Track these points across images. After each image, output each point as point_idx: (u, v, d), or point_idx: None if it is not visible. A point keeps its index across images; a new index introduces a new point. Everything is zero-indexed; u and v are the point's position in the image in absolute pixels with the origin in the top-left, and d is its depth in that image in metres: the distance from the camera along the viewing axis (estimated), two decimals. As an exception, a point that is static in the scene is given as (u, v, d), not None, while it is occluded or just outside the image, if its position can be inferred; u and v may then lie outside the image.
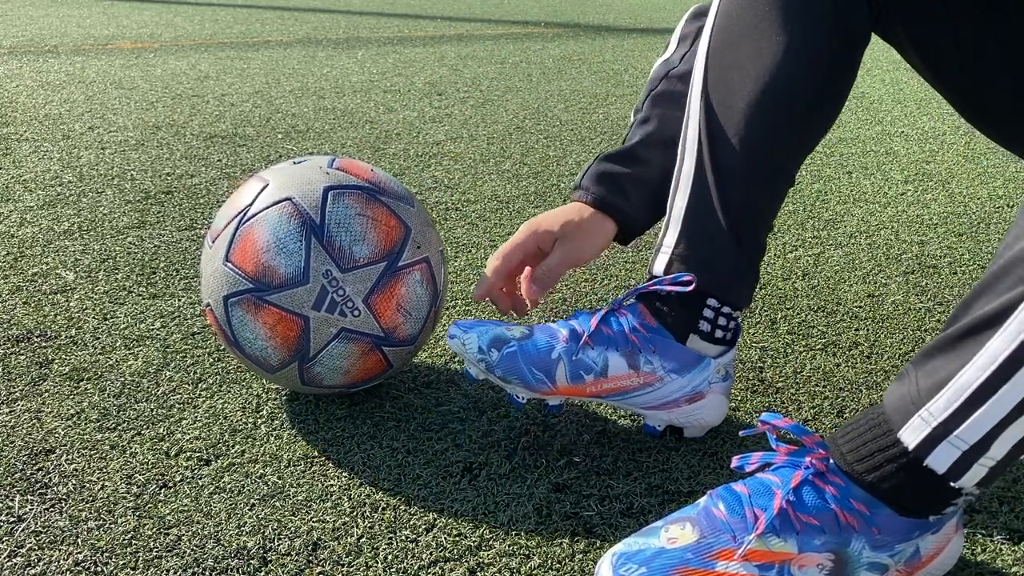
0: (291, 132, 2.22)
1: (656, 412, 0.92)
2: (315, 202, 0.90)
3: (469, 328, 0.91)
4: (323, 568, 0.75)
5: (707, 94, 0.86)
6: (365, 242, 0.90)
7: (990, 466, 0.64)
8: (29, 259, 1.37)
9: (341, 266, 0.89)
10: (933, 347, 0.66)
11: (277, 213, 0.89)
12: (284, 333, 0.89)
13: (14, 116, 2.29)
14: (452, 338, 0.91)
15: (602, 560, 0.70)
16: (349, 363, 0.92)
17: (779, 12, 0.83)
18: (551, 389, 0.89)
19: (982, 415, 0.62)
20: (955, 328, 0.64)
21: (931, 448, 0.64)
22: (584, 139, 2.25)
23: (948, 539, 0.71)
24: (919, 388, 0.66)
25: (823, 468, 0.69)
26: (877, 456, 0.67)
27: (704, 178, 0.86)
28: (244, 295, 0.89)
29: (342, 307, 0.89)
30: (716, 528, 0.69)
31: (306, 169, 0.94)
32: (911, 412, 0.65)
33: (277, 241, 0.88)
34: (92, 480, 0.86)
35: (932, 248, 1.54)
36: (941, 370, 0.64)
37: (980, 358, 0.62)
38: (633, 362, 0.89)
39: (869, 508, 0.68)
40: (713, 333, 0.89)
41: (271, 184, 0.93)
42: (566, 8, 5.65)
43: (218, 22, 4.42)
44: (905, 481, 0.66)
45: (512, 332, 0.90)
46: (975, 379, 0.62)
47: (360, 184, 0.93)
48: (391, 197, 0.94)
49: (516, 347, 0.89)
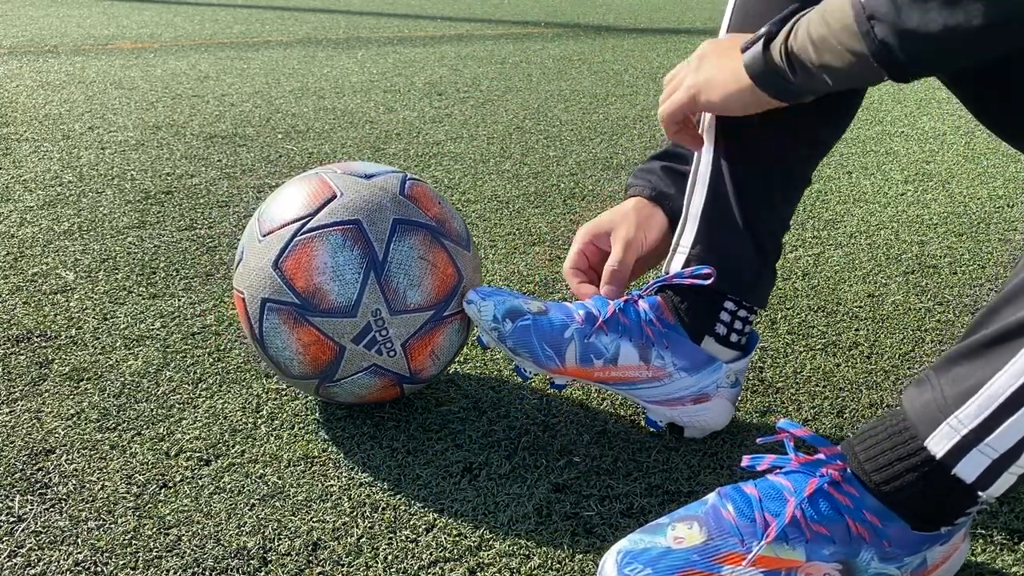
0: (291, 132, 2.22)
1: (660, 407, 0.92)
2: (382, 234, 0.87)
3: (488, 296, 0.90)
4: (323, 568, 0.75)
5: None
6: (420, 288, 0.88)
7: (1019, 474, 0.63)
8: (29, 259, 1.37)
9: (392, 308, 0.87)
10: (958, 354, 0.65)
11: (341, 236, 0.87)
12: (316, 354, 0.88)
13: (14, 116, 2.29)
14: (469, 303, 0.90)
15: (606, 557, 0.70)
16: (368, 391, 0.92)
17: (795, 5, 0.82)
18: (559, 368, 0.89)
19: (1013, 423, 0.61)
20: (983, 335, 0.63)
21: (960, 456, 0.63)
22: (584, 139, 2.25)
23: (955, 548, 0.71)
24: (945, 395, 0.64)
25: (839, 477, 0.68)
26: (897, 465, 0.66)
27: (721, 178, 0.86)
28: (286, 307, 0.87)
29: (381, 346, 0.88)
30: (724, 530, 0.68)
31: (378, 191, 0.90)
32: (938, 420, 0.64)
33: (335, 266, 0.86)
34: (92, 480, 0.86)
35: (932, 248, 1.54)
36: (970, 377, 0.63)
37: (1013, 366, 0.61)
38: (645, 354, 0.89)
39: (882, 520, 0.67)
40: (729, 337, 0.89)
41: (340, 198, 0.89)
42: (566, 8, 5.65)
43: (218, 22, 4.41)
44: (925, 490, 0.65)
45: (529, 306, 0.90)
46: (1008, 387, 0.61)
47: (427, 223, 0.91)
48: (452, 240, 0.92)
49: (531, 320, 0.88)
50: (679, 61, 0.87)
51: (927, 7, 0.58)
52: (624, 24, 4.89)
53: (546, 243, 1.50)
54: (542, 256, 1.45)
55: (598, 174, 1.94)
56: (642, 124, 2.45)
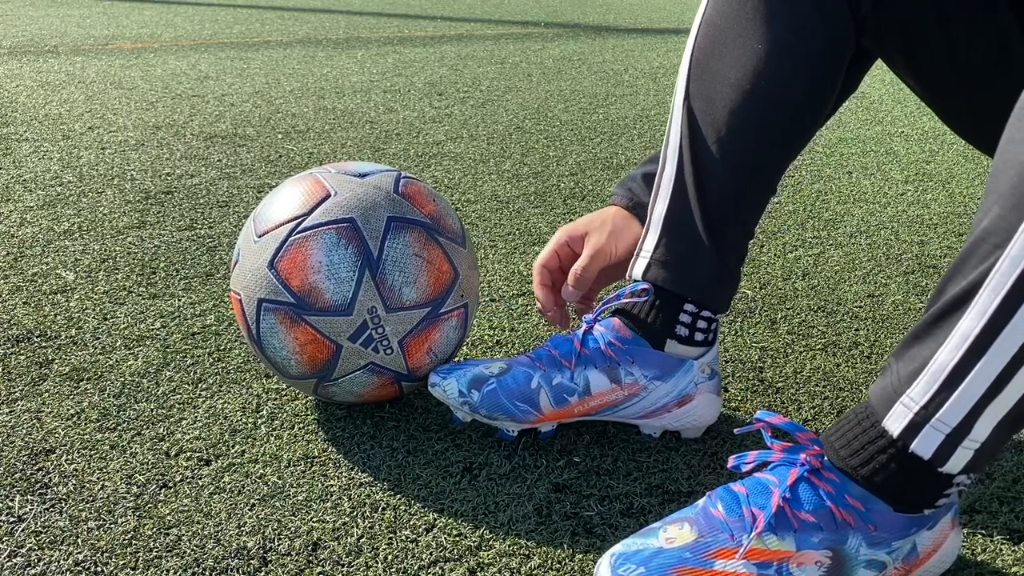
0: (291, 132, 2.22)
1: (648, 421, 0.93)
2: (376, 232, 0.88)
3: (448, 373, 0.91)
4: (323, 568, 0.75)
5: (689, 102, 0.87)
6: (415, 286, 0.88)
7: (974, 448, 0.64)
8: (29, 259, 1.37)
9: (388, 306, 0.87)
10: (911, 335, 0.67)
11: (336, 234, 0.87)
12: (313, 353, 0.89)
13: (14, 116, 2.29)
14: (433, 386, 0.91)
15: (601, 561, 0.71)
16: (366, 390, 0.92)
17: (761, 21, 0.83)
18: (539, 417, 0.90)
19: (960, 396, 0.62)
20: (929, 313, 0.65)
21: (915, 434, 0.65)
22: (584, 139, 2.25)
23: (945, 536, 0.71)
24: (899, 376, 0.66)
25: (818, 465, 0.70)
26: (868, 448, 0.67)
27: (683, 185, 0.87)
28: (282, 306, 0.88)
29: (377, 344, 0.88)
30: (714, 527, 0.69)
31: (372, 189, 0.91)
32: (892, 400, 0.66)
33: (330, 265, 0.86)
34: (92, 480, 0.86)
35: (932, 248, 1.54)
36: (918, 356, 0.65)
37: (953, 338, 0.62)
38: (614, 376, 0.89)
39: (865, 504, 0.68)
40: (692, 336, 0.90)
41: (334, 197, 0.89)
42: (566, 8, 5.65)
43: (218, 22, 4.42)
44: (896, 471, 0.67)
45: (491, 369, 0.91)
46: (949, 360, 0.62)
47: (422, 220, 0.91)
48: (447, 237, 0.93)
49: (496, 384, 0.89)
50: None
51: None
52: (624, 24, 4.89)
53: (546, 243, 1.50)
54: (542, 256, 1.45)
55: (598, 174, 1.94)
56: (642, 124, 2.45)
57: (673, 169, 0.88)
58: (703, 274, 0.88)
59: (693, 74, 0.87)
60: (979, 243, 0.62)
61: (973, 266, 0.62)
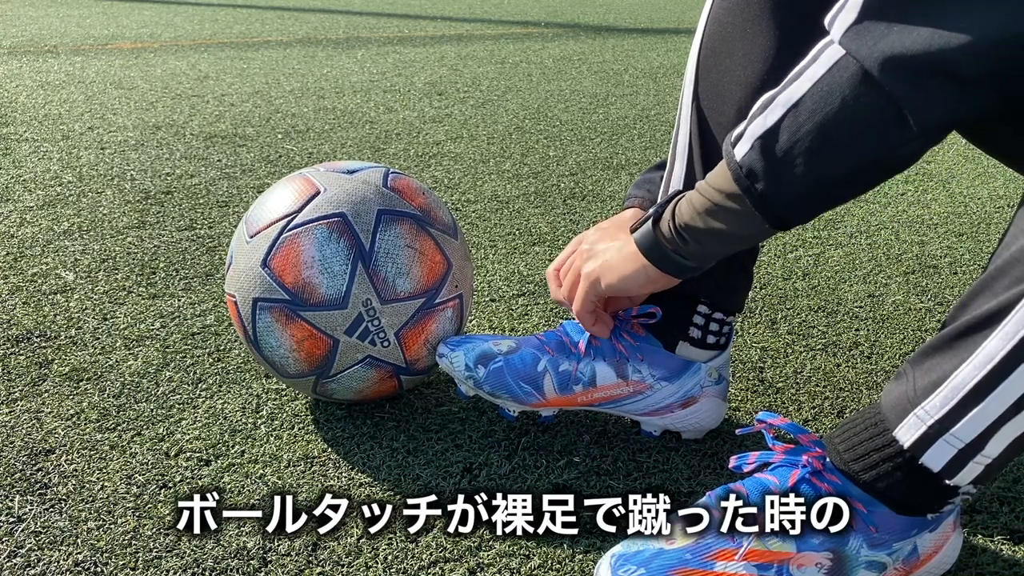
0: (291, 132, 2.22)
1: (650, 418, 0.93)
2: (367, 225, 0.88)
3: (457, 346, 0.91)
4: (323, 568, 0.75)
5: (698, 100, 0.87)
6: (409, 276, 0.89)
7: (985, 464, 0.64)
8: (29, 259, 1.37)
9: (382, 297, 0.88)
10: (931, 346, 0.66)
11: (327, 229, 0.87)
12: (310, 350, 0.89)
13: (14, 116, 2.29)
14: (441, 357, 0.92)
15: (601, 561, 0.70)
16: (365, 385, 0.92)
17: (769, 16, 0.82)
18: (541, 401, 0.90)
19: (978, 414, 0.62)
20: (952, 327, 0.64)
21: (926, 447, 0.64)
22: (584, 139, 2.25)
23: (946, 538, 0.71)
24: (915, 387, 0.66)
25: (820, 467, 0.70)
26: (873, 455, 0.67)
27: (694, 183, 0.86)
28: (277, 304, 0.88)
29: (374, 336, 0.89)
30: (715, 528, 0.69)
31: (361, 184, 0.91)
32: (907, 411, 0.66)
33: (323, 259, 0.87)
34: (92, 480, 0.86)
35: (932, 248, 1.54)
36: (937, 369, 0.64)
37: (977, 357, 0.62)
38: (621, 371, 0.89)
39: (866, 506, 0.68)
40: (705, 339, 0.89)
41: (324, 193, 0.90)
42: (566, 8, 5.65)
43: (218, 22, 4.42)
44: (901, 480, 0.66)
45: (499, 347, 0.91)
46: (971, 378, 0.62)
47: (412, 212, 0.91)
48: (439, 228, 0.93)
49: (503, 362, 0.89)
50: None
51: (795, 163, 0.63)
52: (624, 24, 4.89)
53: (546, 243, 1.50)
54: (542, 256, 1.45)
55: (598, 174, 1.94)
56: (642, 124, 2.45)
57: (683, 169, 0.88)
58: (716, 274, 0.87)
59: (702, 73, 0.87)
60: (1013, 264, 0.61)
61: (1005, 287, 0.61)
